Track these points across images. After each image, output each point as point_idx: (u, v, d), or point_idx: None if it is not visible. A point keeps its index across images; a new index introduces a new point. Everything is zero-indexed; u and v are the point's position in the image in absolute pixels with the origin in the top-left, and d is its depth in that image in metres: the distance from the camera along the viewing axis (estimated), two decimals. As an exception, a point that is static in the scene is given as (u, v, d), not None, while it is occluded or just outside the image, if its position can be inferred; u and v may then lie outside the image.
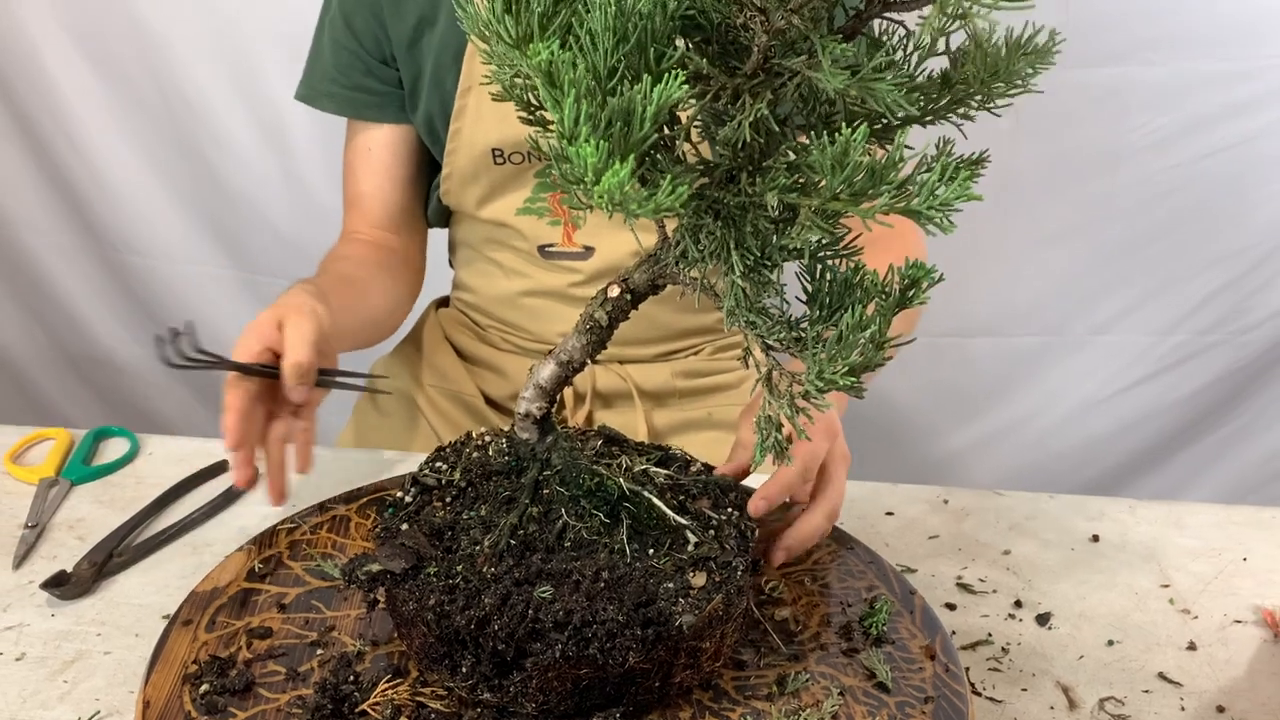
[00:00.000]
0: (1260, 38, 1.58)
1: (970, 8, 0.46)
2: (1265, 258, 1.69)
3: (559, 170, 0.48)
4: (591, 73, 0.50)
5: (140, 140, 1.83)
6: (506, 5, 0.52)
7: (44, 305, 1.96)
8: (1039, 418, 1.82)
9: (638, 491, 0.69)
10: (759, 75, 0.54)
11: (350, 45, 1.10)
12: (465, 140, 1.06)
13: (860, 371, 0.56)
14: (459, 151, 1.07)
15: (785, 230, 0.55)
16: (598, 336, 0.70)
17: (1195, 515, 0.97)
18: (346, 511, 0.84)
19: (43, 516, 0.91)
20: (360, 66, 1.10)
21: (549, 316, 1.14)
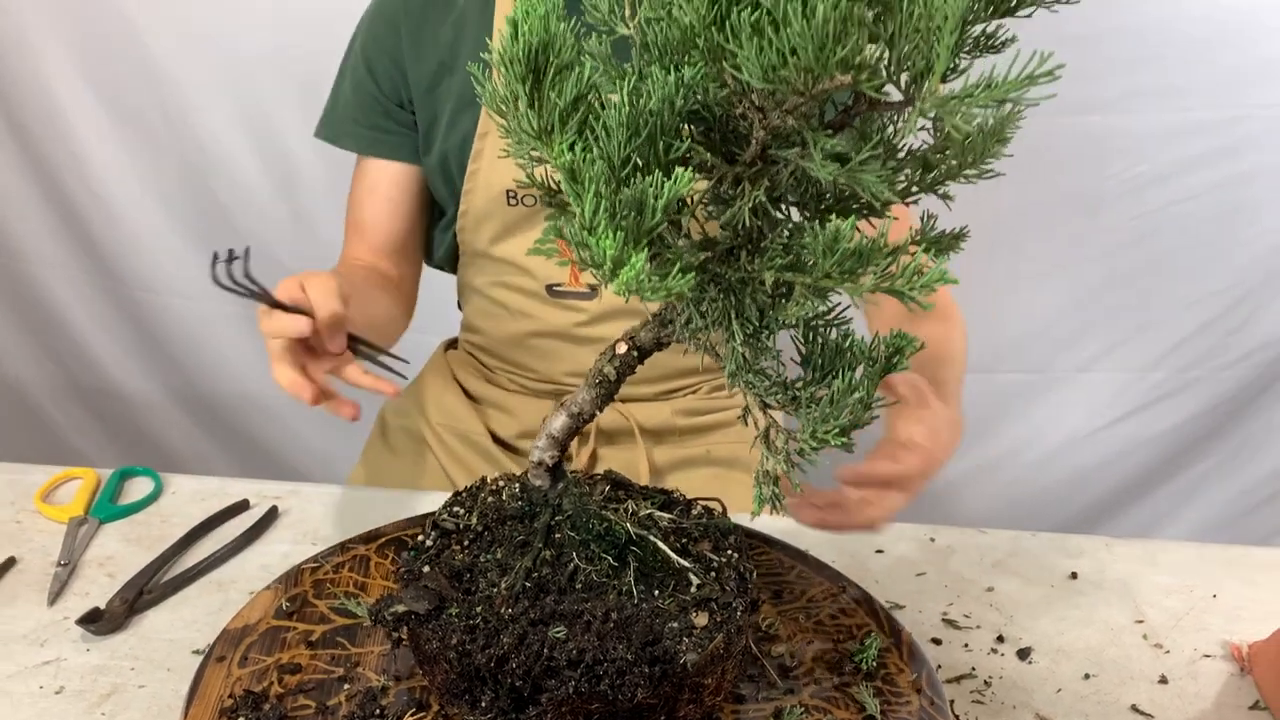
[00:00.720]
0: (1233, 89, 1.64)
1: (945, 111, 0.52)
2: (1241, 299, 1.75)
3: (578, 256, 0.53)
4: (607, 163, 0.55)
5: (152, 179, 1.89)
6: (530, 101, 0.58)
7: (56, 339, 2.01)
8: (1025, 452, 1.88)
9: (644, 535, 0.74)
10: (757, 163, 0.60)
11: (370, 88, 1.17)
12: (482, 181, 1.12)
13: (850, 430, 0.61)
14: (475, 192, 1.13)
15: (781, 304, 0.60)
16: (606, 390, 0.75)
17: (1169, 553, 1.02)
18: (366, 551, 0.89)
19: (74, 554, 0.95)
20: (379, 108, 1.17)
21: (555, 356, 1.19)
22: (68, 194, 1.90)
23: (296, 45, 1.75)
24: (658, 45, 0.59)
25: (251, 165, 1.86)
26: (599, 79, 0.59)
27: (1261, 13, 1.59)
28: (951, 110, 0.51)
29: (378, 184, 1.21)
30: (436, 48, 1.13)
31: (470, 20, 1.13)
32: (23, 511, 1.02)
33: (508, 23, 0.57)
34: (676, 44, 0.57)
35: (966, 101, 0.51)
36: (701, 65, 0.56)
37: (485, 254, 1.18)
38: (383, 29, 1.16)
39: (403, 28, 1.14)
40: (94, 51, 1.81)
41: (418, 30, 1.13)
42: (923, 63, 0.53)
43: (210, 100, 1.83)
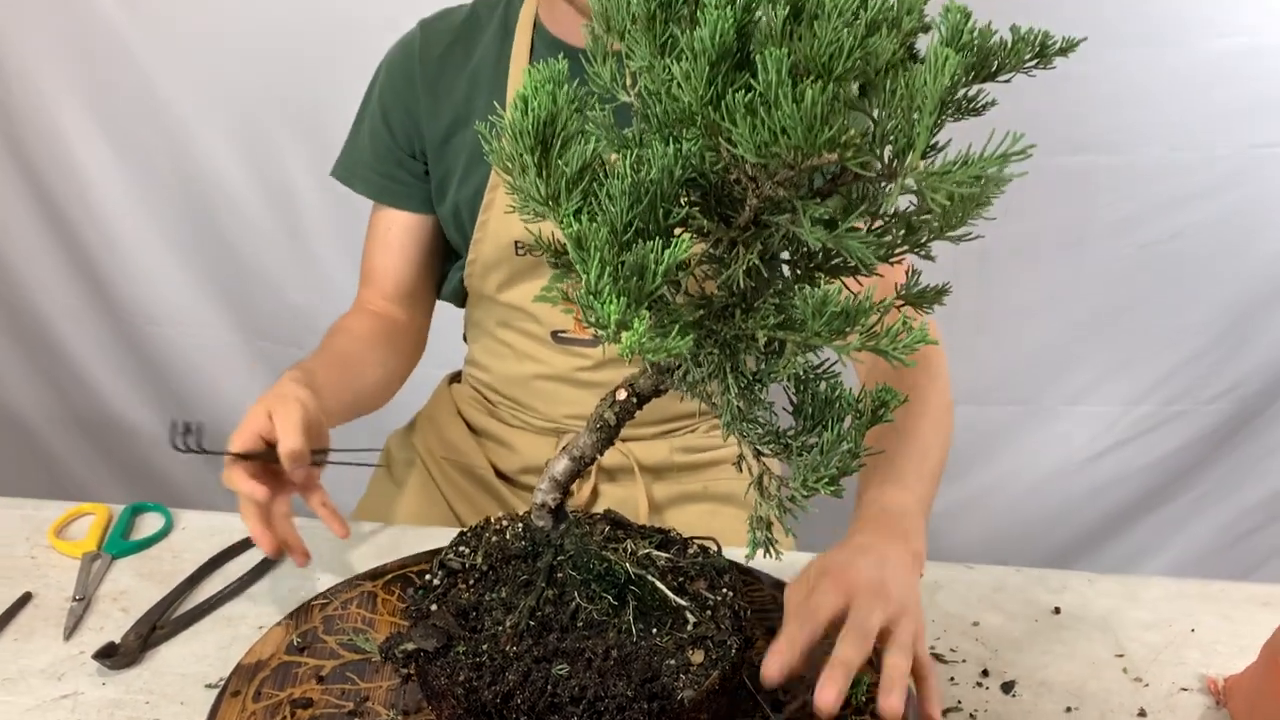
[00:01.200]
0: (1217, 130, 1.69)
1: (926, 185, 0.55)
2: (1224, 334, 1.79)
3: (585, 318, 0.56)
4: (610, 229, 0.59)
5: (156, 212, 1.93)
6: (538, 170, 0.62)
7: (57, 369, 2.04)
8: (1014, 482, 1.92)
9: (642, 575, 0.77)
10: (750, 228, 0.64)
11: (385, 138, 1.21)
12: (491, 232, 1.16)
13: (838, 479, 0.64)
14: (485, 241, 1.17)
15: (774, 359, 0.64)
16: (607, 434, 0.79)
17: (1149, 589, 1.05)
18: (373, 588, 0.92)
19: (89, 589, 0.98)
20: (392, 158, 1.20)
21: (557, 399, 1.23)
22: (72, 227, 1.94)
23: (301, 82, 1.80)
24: (657, 117, 0.63)
25: (254, 198, 1.90)
26: (603, 148, 0.63)
27: (1244, 56, 1.64)
28: (932, 185, 0.55)
29: (389, 231, 1.24)
30: (451, 101, 1.17)
31: (484, 75, 1.16)
32: (37, 547, 1.05)
33: (518, 98, 0.61)
34: (675, 118, 0.61)
35: (945, 178, 0.55)
36: (699, 139, 0.60)
37: (492, 299, 1.21)
38: (399, 81, 1.19)
39: (418, 81, 1.18)
40: (99, 86, 1.86)
41: (433, 84, 1.17)
42: (904, 140, 0.56)
43: (214, 134, 1.87)
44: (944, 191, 0.55)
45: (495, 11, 1.20)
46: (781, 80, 0.54)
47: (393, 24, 1.34)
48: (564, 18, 1.14)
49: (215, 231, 1.93)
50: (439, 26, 1.21)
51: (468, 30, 1.20)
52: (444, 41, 1.19)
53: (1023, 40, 0.69)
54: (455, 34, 1.20)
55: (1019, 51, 0.69)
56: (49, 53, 1.84)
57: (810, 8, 0.58)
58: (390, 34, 1.33)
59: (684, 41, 0.59)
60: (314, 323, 1.92)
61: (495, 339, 1.26)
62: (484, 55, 1.18)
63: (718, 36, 0.56)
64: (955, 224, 0.64)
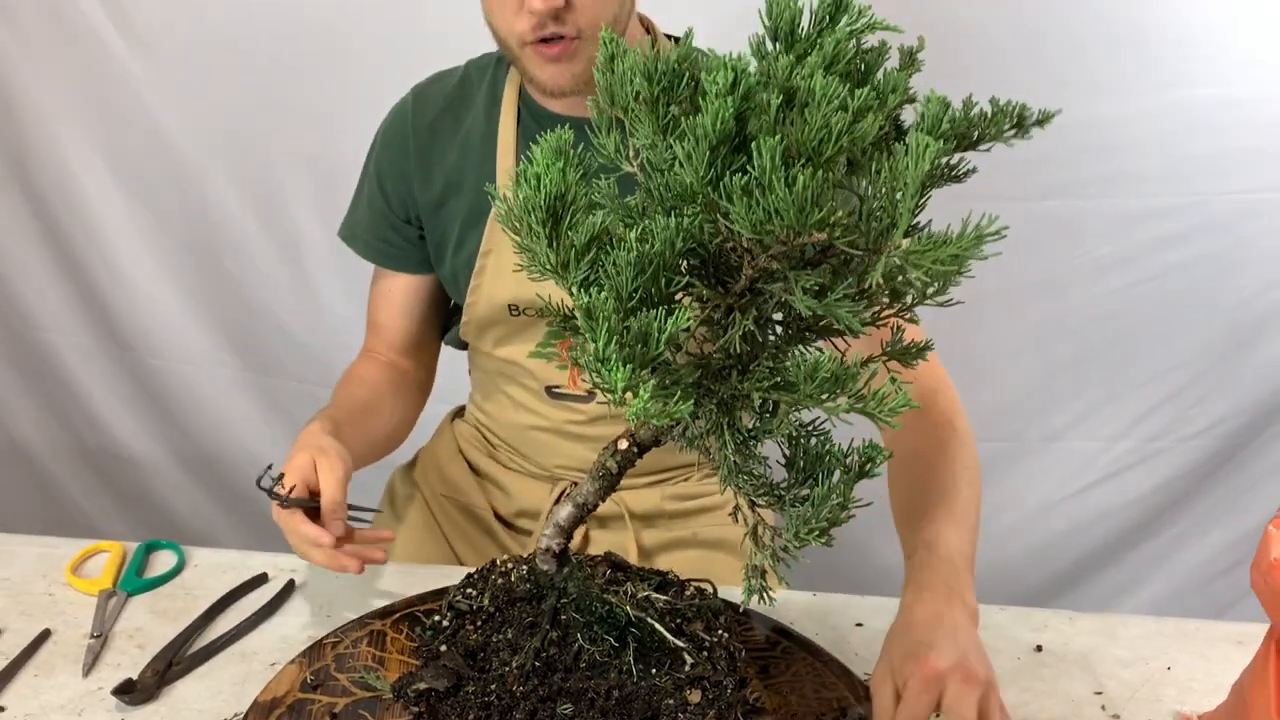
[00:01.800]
0: (1190, 178, 1.75)
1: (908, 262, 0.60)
2: (1202, 373, 1.84)
3: (591, 380, 0.61)
4: (616, 297, 0.63)
5: (163, 250, 1.97)
6: (549, 241, 0.66)
7: (64, 403, 2.07)
8: (1000, 517, 1.96)
9: (642, 617, 0.81)
10: (746, 295, 0.68)
11: (379, 204, 1.24)
12: (485, 295, 1.19)
13: (829, 530, 0.69)
14: (479, 304, 1.20)
15: (768, 417, 0.68)
16: (608, 482, 0.83)
17: (1127, 627, 1.10)
18: (382, 627, 0.96)
19: (105, 626, 1.01)
20: (388, 223, 1.24)
21: (551, 450, 1.26)
22: (81, 263, 1.98)
23: (303, 126, 1.84)
24: (660, 191, 0.67)
25: (258, 237, 1.94)
26: (609, 221, 0.67)
27: (1216, 107, 1.70)
28: (913, 262, 0.60)
29: (390, 290, 1.29)
30: (443, 169, 1.20)
31: (474, 143, 1.19)
32: (55, 584, 1.08)
33: (530, 175, 0.65)
34: (676, 194, 0.65)
35: (925, 256, 0.59)
36: (699, 214, 0.65)
37: (489, 354, 1.25)
38: (393, 149, 1.23)
39: (411, 149, 1.21)
40: (109, 128, 1.90)
41: (425, 152, 1.21)
42: (888, 219, 0.61)
43: (220, 174, 1.91)
44: (924, 268, 0.60)
45: (485, 77, 1.23)
46: (775, 166, 0.59)
47: (406, 71, 1.40)
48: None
49: (220, 269, 1.97)
50: (431, 94, 1.23)
51: (459, 96, 1.22)
52: (435, 109, 1.22)
53: (1001, 112, 0.74)
54: (447, 101, 1.22)
55: (999, 122, 0.75)
56: (60, 92, 1.89)
57: (802, 95, 0.63)
58: (399, 79, 1.38)
59: (685, 125, 0.63)
60: (316, 358, 1.97)
61: (494, 387, 1.30)
62: (473, 123, 1.20)
63: (718, 124, 0.61)
64: (936, 292, 0.69)
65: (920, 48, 0.77)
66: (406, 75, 1.43)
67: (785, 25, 0.70)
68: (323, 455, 1.01)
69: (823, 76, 0.62)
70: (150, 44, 1.83)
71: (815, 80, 0.62)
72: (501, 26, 1.08)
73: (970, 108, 0.73)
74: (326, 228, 1.90)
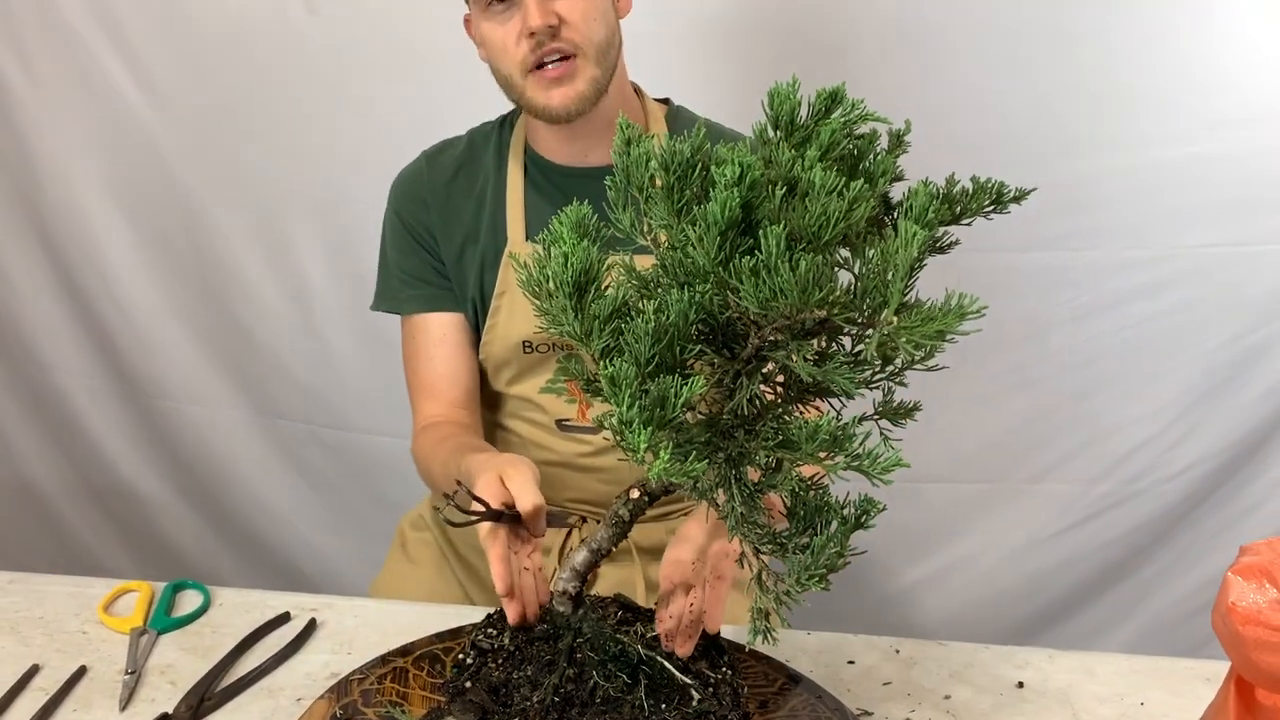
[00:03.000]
0: (1167, 230, 1.83)
1: (897, 336, 0.67)
2: (1177, 418, 1.92)
3: (617, 443, 0.67)
4: (635, 365, 0.70)
5: (174, 297, 2.04)
6: (575, 312, 0.73)
7: (74, 443, 2.13)
8: (984, 557, 2.02)
9: (652, 656, 0.88)
10: (752, 361, 0.75)
11: (417, 252, 1.32)
12: (500, 334, 1.28)
13: (828, 575, 0.75)
14: (494, 343, 1.28)
15: (772, 473, 0.75)
16: (621, 529, 0.89)
17: (1104, 664, 1.16)
18: (404, 664, 1.01)
19: (138, 663, 1.07)
20: (429, 267, 1.32)
21: (562, 484, 1.33)
22: (94, 308, 2.04)
23: (311, 175, 1.92)
24: (674, 267, 0.74)
25: (267, 282, 2.01)
26: (628, 294, 0.74)
27: (1184, 165, 1.79)
28: (902, 336, 0.67)
29: (446, 337, 1.32)
30: (461, 223, 1.30)
31: (487, 197, 1.30)
32: (88, 623, 1.14)
33: (560, 254, 0.73)
34: (690, 271, 0.72)
35: (915, 331, 0.67)
36: (710, 290, 0.72)
37: (501, 392, 1.32)
38: (414, 204, 1.32)
39: (431, 205, 1.31)
40: (123, 176, 1.97)
41: (444, 207, 1.31)
42: (880, 298, 0.68)
43: (231, 223, 1.99)
44: (913, 341, 0.67)
45: (490, 139, 1.34)
46: (780, 252, 0.66)
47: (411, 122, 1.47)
48: (545, 140, 1.29)
49: (229, 313, 2.03)
50: (443, 158, 1.34)
51: (469, 158, 1.33)
52: (450, 169, 1.33)
53: (982, 189, 0.82)
54: (459, 162, 1.33)
55: (979, 199, 0.82)
56: (76, 142, 1.96)
57: (803, 186, 0.70)
58: (404, 130, 1.46)
59: (697, 212, 0.71)
60: (321, 400, 2.03)
61: (503, 428, 1.36)
62: (485, 179, 1.32)
63: (726, 212, 0.68)
64: (924, 359, 0.76)
65: (907, 130, 0.85)
66: (410, 126, 1.52)
67: (786, 116, 0.78)
68: (510, 465, 0.99)
69: (821, 170, 0.69)
70: (167, 98, 1.91)
71: (815, 173, 0.69)
72: (505, 63, 1.19)
73: (953, 185, 0.81)
74: (333, 274, 1.97)
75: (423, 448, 1.28)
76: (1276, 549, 0.87)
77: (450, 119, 1.42)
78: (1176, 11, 1.72)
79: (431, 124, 1.43)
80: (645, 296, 0.76)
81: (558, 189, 1.28)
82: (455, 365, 1.33)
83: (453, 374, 1.33)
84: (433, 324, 1.33)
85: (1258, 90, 1.75)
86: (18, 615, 1.14)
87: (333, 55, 1.85)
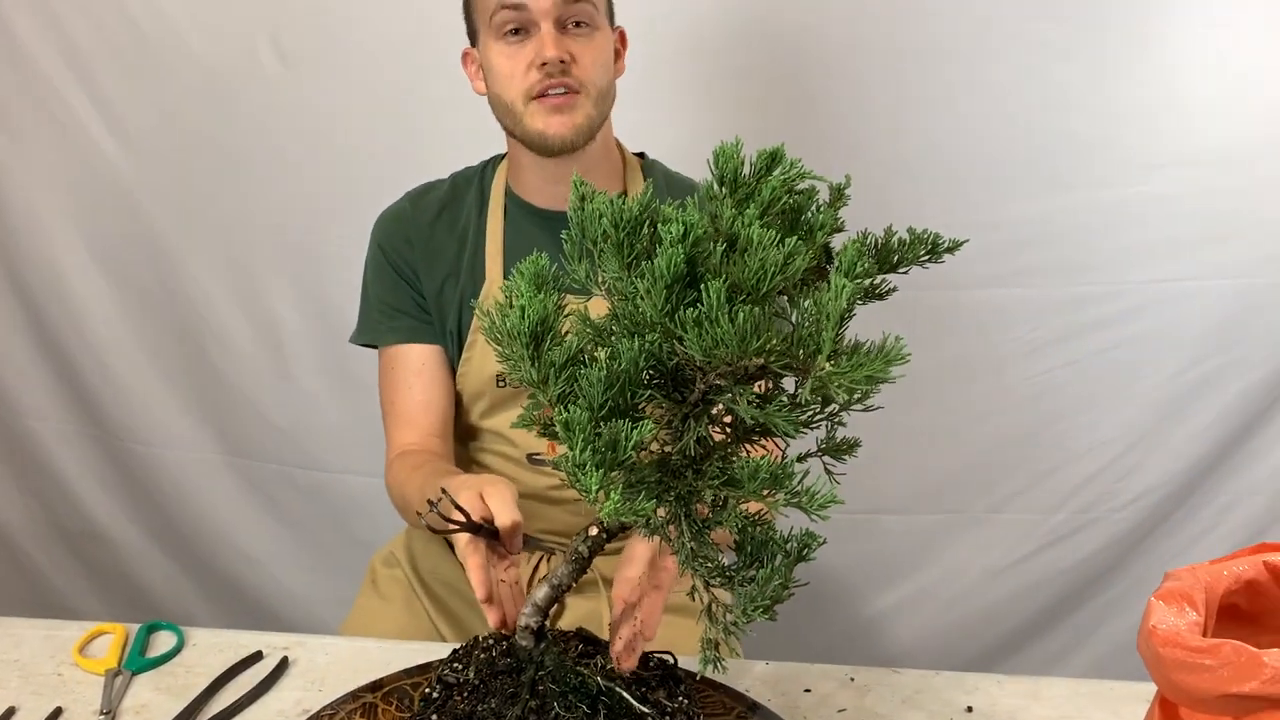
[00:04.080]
0: (1114, 267, 1.91)
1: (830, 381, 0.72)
2: (1128, 449, 1.98)
3: (570, 482, 0.72)
4: (589, 410, 0.75)
5: (146, 340, 2.06)
6: (531, 360, 0.78)
7: (46, 486, 2.14)
8: (946, 585, 2.07)
9: (611, 687, 0.91)
10: (699, 405, 0.80)
11: (400, 286, 1.37)
12: (475, 368, 1.33)
13: (773, 606, 0.80)
14: (469, 376, 1.34)
15: (720, 510, 0.80)
16: (580, 565, 0.93)
17: (1050, 688, 1.21)
18: (374, 699, 1.05)
19: (113, 703, 1.09)
20: (411, 301, 1.37)
21: (531, 515, 1.36)
22: (66, 352, 2.07)
23: (282, 219, 1.96)
24: (625, 318, 0.79)
25: (238, 326, 2.04)
26: (583, 342, 0.79)
27: (1132, 204, 1.87)
28: (834, 381, 0.72)
29: (425, 367, 1.37)
30: (444, 260, 1.36)
31: (469, 237, 1.37)
32: (63, 665, 1.16)
33: (517, 306, 0.77)
34: (639, 322, 0.77)
35: (845, 376, 0.72)
36: (659, 338, 0.76)
37: (474, 425, 1.37)
38: (398, 241, 1.38)
39: (415, 242, 1.37)
40: (96, 223, 2.01)
41: (427, 244, 1.37)
42: (814, 345, 0.73)
43: (202, 267, 2.02)
44: (845, 386, 0.72)
45: (472, 183, 1.42)
46: (721, 304, 0.71)
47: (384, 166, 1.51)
48: (528, 182, 1.36)
49: (201, 356, 2.06)
50: (427, 199, 1.41)
51: (451, 199, 1.41)
52: (434, 209, 1.39)
53: (918, 240, 0.87)
54: (442, 202, 1.40)
55: (915, 249, 0.87)
56: (48, 186, 1.99)
57: (742, 242, 0.75)
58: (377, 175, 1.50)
59: (645, 266, 0.75)
60: (293, 441, 2.06)
61: (476, 462, 1.41)
62: (467, 219, 1.38)
63: (671, 267, 0.73)
64: (859, 400, 0.81)
65: (846, 185, 0.90)
66: (384, 170, 1.57)
67: (730, 173, 0.83)
68: (489, 483, 1.04)
69: (759, 227, 0.74)
70: (140, 145, 1.95)
71: (753, 229, 0.74)
72: (510, 90, 1.28)
73: (891, 236, 0.86)
74: (304, 317, 2.01)
75: (397, 475, 1.32)
76: (1198, 575, 0.92)
77: (425, 164, 1.48)
78: (1118, 63, 1.80)
79: (402, 170, 1.49)
80: (599, 344, 0.80)
81: (537, 230, 1.34)
82: (432, 395, 1.37)
83: (429, 403, 1.37)
84: (412, 354, 1.38)
85: (1195, 134, 1.84)
86: (-7, 658, 1.17)
87: (304, 102, 1.90)
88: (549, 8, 1.25)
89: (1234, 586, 0.91)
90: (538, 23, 1.26)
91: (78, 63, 1.90)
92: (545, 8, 1.25)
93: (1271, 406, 1.94)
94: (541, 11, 1.25)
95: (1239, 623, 0.91)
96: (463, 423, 1.40)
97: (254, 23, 1.87)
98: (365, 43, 1.85)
